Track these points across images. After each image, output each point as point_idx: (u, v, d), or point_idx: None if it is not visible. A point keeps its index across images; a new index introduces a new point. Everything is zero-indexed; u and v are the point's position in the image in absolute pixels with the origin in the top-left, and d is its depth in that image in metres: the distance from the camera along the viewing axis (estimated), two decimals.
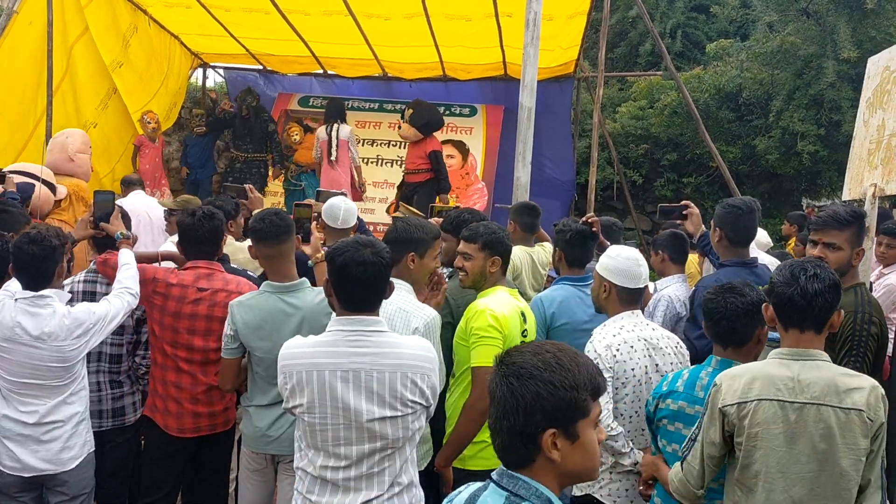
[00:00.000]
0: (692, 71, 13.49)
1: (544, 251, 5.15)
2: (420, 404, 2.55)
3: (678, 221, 4.47)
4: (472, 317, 3.18)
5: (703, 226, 4.34)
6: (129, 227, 3.95)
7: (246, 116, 10.06)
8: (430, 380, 2.58)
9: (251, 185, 5.20)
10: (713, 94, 12.39)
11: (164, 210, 5.68)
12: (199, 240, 3.65)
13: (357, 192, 9.57)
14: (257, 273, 4.22)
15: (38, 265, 3.26)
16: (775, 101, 11.78)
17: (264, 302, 3.32)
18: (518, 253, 4.94)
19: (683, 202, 4.44)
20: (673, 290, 4.18)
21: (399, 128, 8.56)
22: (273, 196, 10.56)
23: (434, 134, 8.92)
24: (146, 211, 6.09)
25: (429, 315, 3.18)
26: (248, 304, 3.31)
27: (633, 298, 3.28)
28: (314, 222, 4.30)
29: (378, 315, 2.59)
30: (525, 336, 3.33)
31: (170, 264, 4.09)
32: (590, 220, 4.12)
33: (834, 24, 11.23)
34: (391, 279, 2.68)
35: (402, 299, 3.18)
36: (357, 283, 2.51)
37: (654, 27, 10.11)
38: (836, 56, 11.08)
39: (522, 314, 3.35)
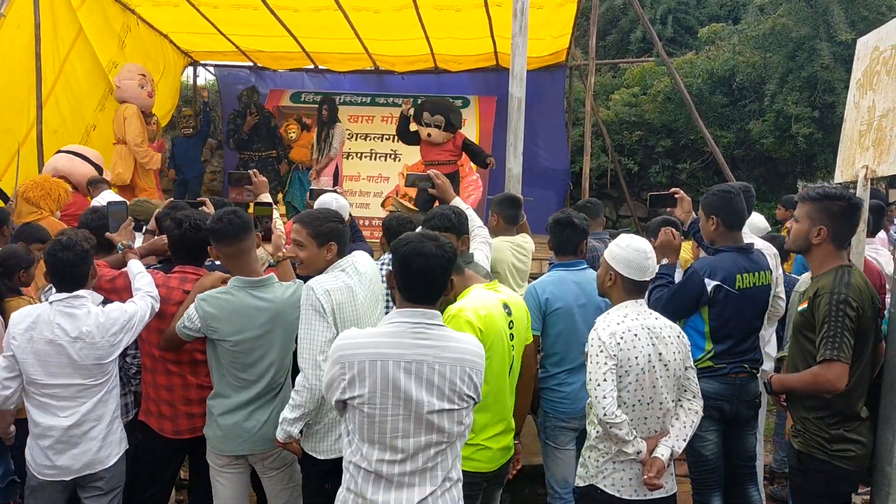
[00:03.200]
0: (684, 56, 13.47)
1: (524, 240, 5.14)
2: (472, 399, 2.59)
3: (668, 209, 4.49)
4: (449, 321, 3.11)
5: (693, 212, 4.35)
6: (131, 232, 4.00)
7: (254, 114, 10.03)
8: (481, 376, 2.62)
9: (255, 170, 5.15)
10: (706, 78, 12.37)
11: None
12: (186, 250, 3.71)
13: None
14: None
15: (72, 270, 3.34)
16: (769, 84, 11.76)
17: (234, 296, 3.37)
18: (497, 244, 4.88)
19: (673, 189, 4.47)
20: None
21: (429, 135, 8.09)
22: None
23: None
24: None
25: None
26: (217, 298, 3.36)
27: (639, 289, 3.27)
28: (273, 221, 4.31)
29: (437, 309, 2.60)
30: (511, 328, 3.32)
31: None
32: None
33: (826, 4, 11.21)
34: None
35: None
36: (419, 275, 2.51)
37: (644, 14, 10.09)
38: (830, 37, 11.06)
39: (505, 306, 3.33)
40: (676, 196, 4.41)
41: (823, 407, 3.19)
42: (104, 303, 3.60)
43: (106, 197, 6.16)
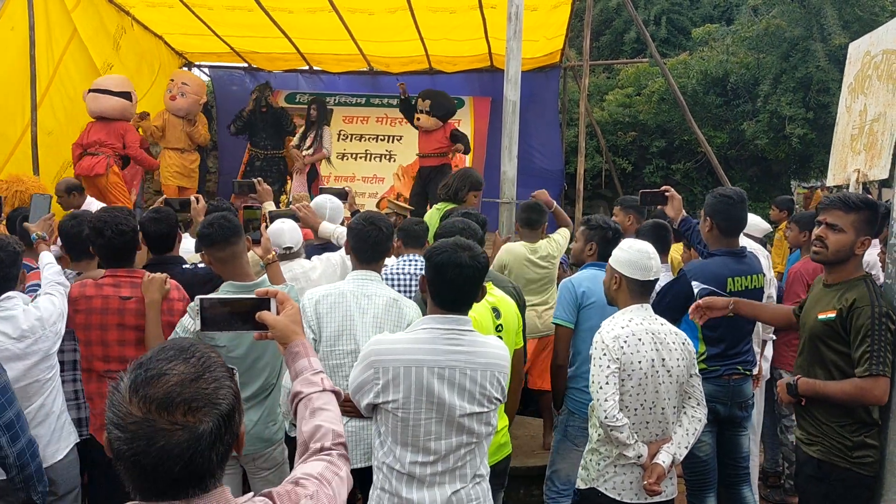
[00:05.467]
0: (678, 57, 13.50)
1: (549, 245, 5.23)
2: (499, 400, 2.67)
3: (659, 206, 4.56)
4: None
5: (683, 210, 4.41)
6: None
7: (265, 111, 10.08)
8: (507, 377, 2.71)
9: (259, 178, 5.18)
10: (700, 79, 12.40)
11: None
12: (115, 255, 3.59)
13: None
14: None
15: (5, 271, 3.25)
16: (762, 84, 11.80)
17: None
18: (515, 248, 5.17)
19: (664, 187, 4.54)
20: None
21: (418, 119, 8.73)
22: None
23: None
24: None
25: (415, 306, 3.36)
26: None
27: (644, 291, 3.30)
28: (263, 223, 4.32)
29: (467, 315, 2.66)
30: (500, 331, 3.37)
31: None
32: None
33: (819, 5, 11.24)
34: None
35: (390, 290, 3.35)
36: (452, 284, 2.58)
37: (637, 15, 10.12)
38: (823, 38, 11.09)
39: (495, 309, 3.39)
40: (667, 194, 4.46)
41: (846, 414, 3.14)
42: None
43: (92, 204, 6.16)
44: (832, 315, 3.14)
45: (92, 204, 6.22)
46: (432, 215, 5.46)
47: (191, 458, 1.34)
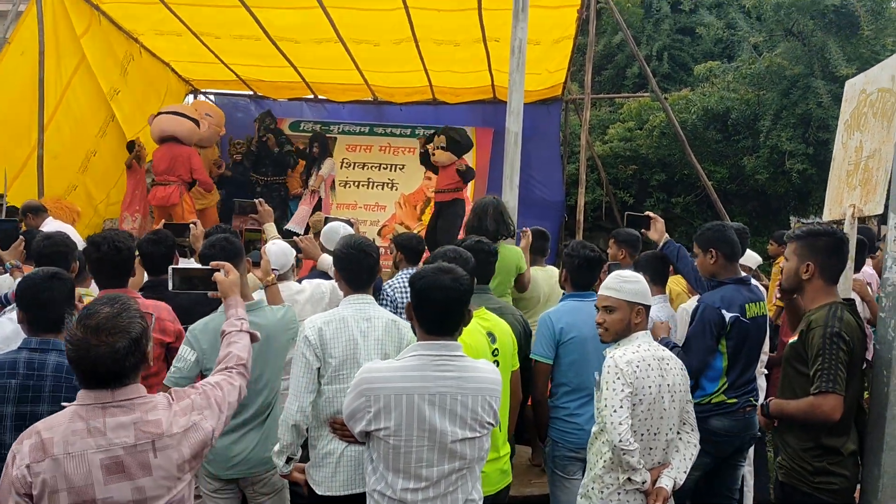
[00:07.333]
0: (680, 92, 13.60)
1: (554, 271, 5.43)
2: (491, 424, 2.67)
3: (643, 230, 4.70)
4: None
5: (666, 234, 4.60)
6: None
7: (264, 140, 10.22)
8: (499, 401, 2.71)
9: (261, 199, 5.23)
10: (701, 115, 12.47)
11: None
12: (108, 273, 3.61)
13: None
14: None
15: None
16: (763, 120, 11.86)
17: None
18: (541, 275, 5.38)
19: (647, 213, 4.77)
20: (654, 312, 4.23)
21: (433, 154, 8.79)
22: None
23: None
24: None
25: (410, 326, 3.34)
26: (211, 327, 3.38)
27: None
28: (264, 246, 4.38)
29: (457, 339, 2.67)
30: (496, 355, 3.38)
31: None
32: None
33: (823, 42, 11.33)
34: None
35: (387, 312, 3.39)
36: (438, 308, 2.59)
37: (639, 51, 10.24)
38: (825, 75, 11.18)
39: (490, 334, 3.41)
40: (651, 219, 4.67)
41: (810, 439, 3.23)
42: None
43: (51, 224, 6.17)
44: (796, 338, 3.32)
45: (49, 223, 6.24)
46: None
47: (111, 363, 2.12)
